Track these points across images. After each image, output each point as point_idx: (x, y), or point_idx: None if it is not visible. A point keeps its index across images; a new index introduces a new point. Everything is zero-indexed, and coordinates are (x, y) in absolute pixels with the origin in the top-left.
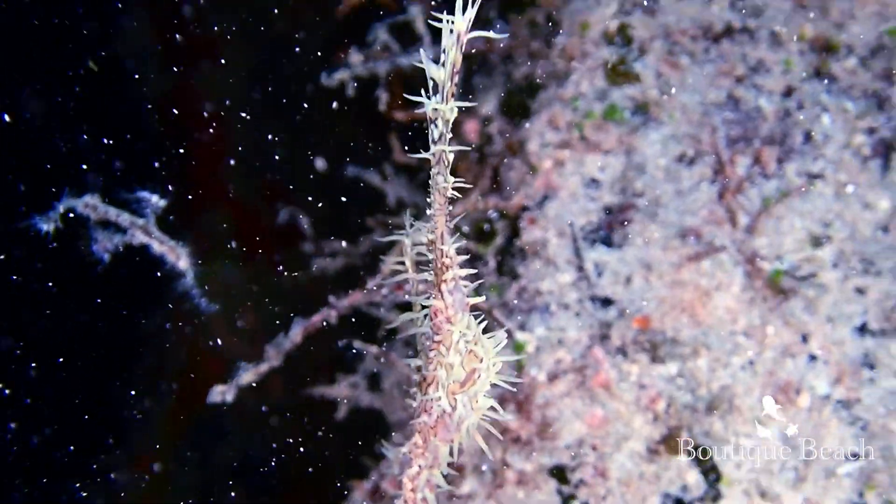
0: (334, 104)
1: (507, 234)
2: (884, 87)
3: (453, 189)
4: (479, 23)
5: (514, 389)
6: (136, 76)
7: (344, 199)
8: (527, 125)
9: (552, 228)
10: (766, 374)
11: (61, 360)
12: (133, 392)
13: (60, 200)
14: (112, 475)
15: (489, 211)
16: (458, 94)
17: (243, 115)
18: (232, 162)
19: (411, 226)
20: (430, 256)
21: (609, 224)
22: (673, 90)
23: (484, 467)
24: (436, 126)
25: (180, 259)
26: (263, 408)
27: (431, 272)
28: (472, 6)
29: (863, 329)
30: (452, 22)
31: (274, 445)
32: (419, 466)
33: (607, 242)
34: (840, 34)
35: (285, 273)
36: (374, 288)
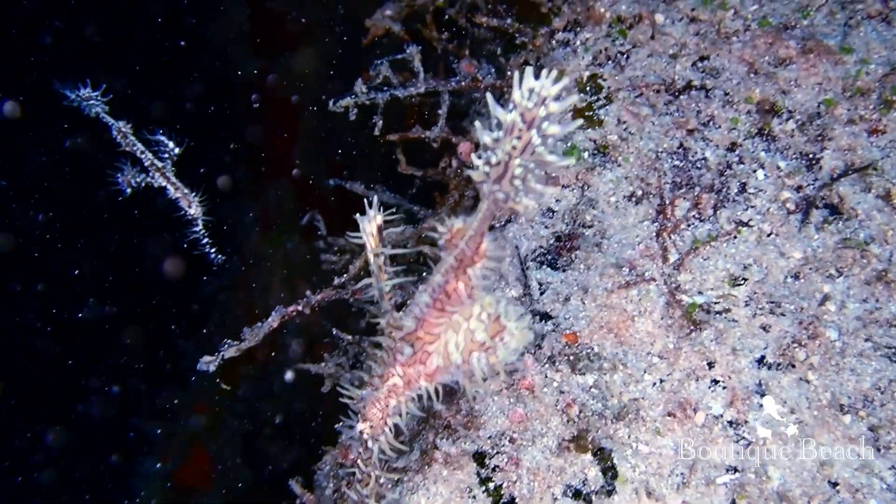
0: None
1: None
2: (815, 151)
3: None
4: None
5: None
6: (228, 57)
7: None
8: None
9: (508, 248)
10: (672, 392)
11: (137, 314)
12: (196, 347)
13: (87, 87)
14: (171, 416)
15: None
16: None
17: (314, 102)
18: (300, 143)
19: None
20: (442, 245)
21: (557, 249)
22: (631, 136)
23: (416, 447)
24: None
25: (192, 206)
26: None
27: (450, 258)
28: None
29: (761, 361)
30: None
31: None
32: (396, 398)
33: (553, 265)
34: (784, 99)
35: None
36: (342, 286)
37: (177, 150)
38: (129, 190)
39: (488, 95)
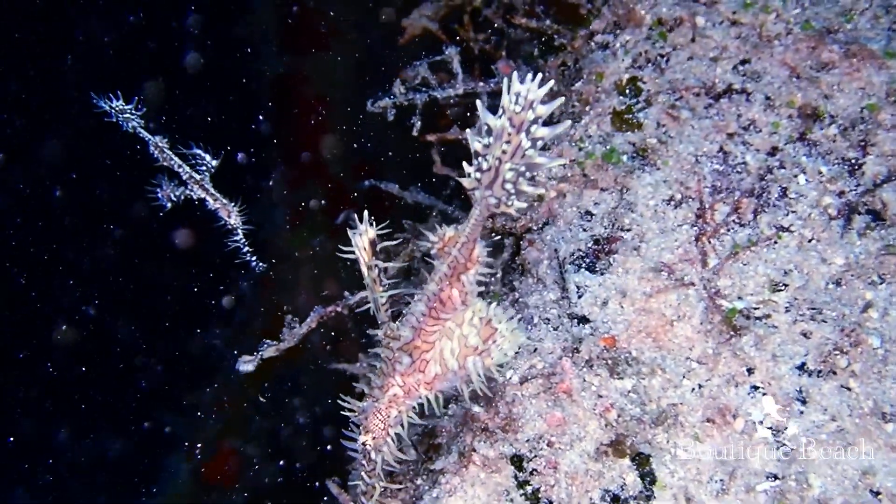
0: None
1: (512, 251)
2: (857, 156)
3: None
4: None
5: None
6: (256, 56)
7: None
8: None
9: (547, 251)
10: (711, 397)
11: (163, 313)
12: (223, 344)
13: (119, 100)
14: (198, 412)
15: (497, 231)
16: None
17: (344, 101)
18: (330, 143)
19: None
20: (434, 253)
21: (596, 253)
22: (670, 140)
23: (454, 449)
24: (483, 160)
25: (231, 216)
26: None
27: (443, 265)
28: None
29: (802, 368)
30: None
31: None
32: (398, 408)
33: (591, 269)
34: (827, 104)
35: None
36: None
37: (214, 163)
38: (169, 204)
39: (478, 102)
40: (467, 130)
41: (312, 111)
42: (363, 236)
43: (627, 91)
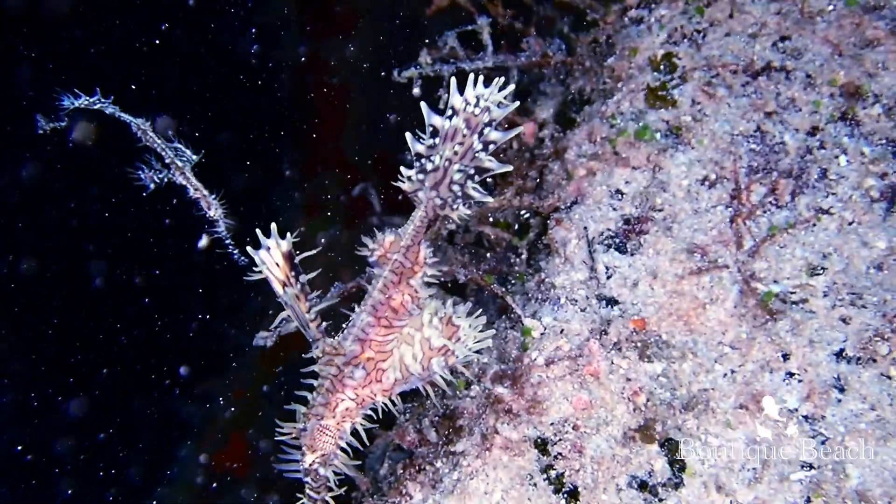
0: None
1: (539, 230)
2: None
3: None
4: None
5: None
6: (275, 43)
7: None
8: (569, 135)
9: (575, 230)
10: (744, 383)
11: (178, 297)
12: (238, 331)
13: (83, 96)
14: (210, 400)
15: (524, 209)
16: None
17: (363, 89)
18: (347, 131)
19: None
20: (374, 261)
21: (626, 233)
22: (705, 118)
23: (476, 431)
24: (426, 162)
25: (211, 208)
26: None
27: (385, 272)
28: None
29: (840, 354)
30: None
31: None
32: (351, 420)
33: (621, 249)
34: (870, 83)
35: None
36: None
37: (195, 158)
38: (152, 186)
39: (423, 105)
40: (407, 134)
41: (331, 98)
42: (275, 251)
43: (662, 67)
